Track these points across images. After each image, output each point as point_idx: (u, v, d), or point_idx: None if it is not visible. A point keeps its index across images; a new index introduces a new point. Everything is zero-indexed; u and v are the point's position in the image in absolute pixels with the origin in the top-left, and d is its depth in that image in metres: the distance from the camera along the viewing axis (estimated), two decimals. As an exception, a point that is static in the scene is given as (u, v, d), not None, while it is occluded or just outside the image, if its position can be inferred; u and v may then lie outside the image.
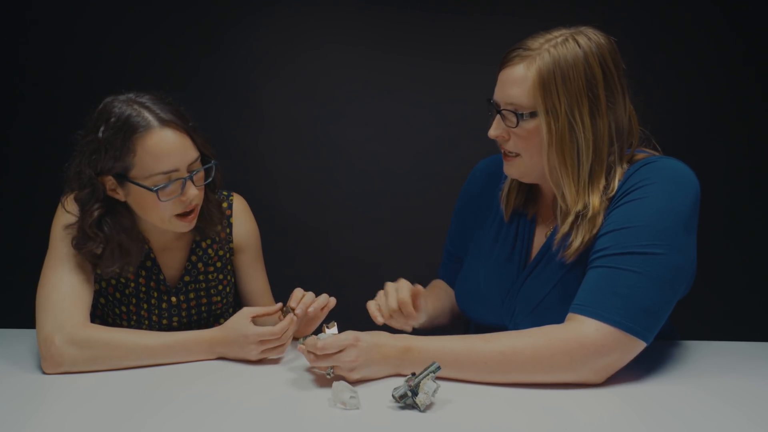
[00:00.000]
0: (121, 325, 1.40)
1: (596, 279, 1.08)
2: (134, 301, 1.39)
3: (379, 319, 1.20)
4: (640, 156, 1.16)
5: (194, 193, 1.25)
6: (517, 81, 1.11)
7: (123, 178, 1.24)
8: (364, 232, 2.58)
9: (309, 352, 1.07)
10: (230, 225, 1.47)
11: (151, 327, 1.41)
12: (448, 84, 2.51)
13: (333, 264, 2.56)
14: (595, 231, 1.11)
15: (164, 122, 1.23)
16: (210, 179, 1.31)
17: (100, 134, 1.22)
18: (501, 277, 1.26)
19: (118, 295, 1.39)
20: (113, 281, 1.38)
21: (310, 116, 2.56)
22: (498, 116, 1.14)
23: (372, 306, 1.22)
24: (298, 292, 1.26)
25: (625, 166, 1.14)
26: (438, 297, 1.41)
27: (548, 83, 1.08)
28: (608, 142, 1.12)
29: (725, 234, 2.50)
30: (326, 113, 2.56)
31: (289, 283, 1.51)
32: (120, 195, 1.27)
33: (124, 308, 1.39)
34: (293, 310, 1.22)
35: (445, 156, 2.49)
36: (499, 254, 1.28)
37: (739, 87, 2.45)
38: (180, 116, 1.26)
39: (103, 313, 1.41)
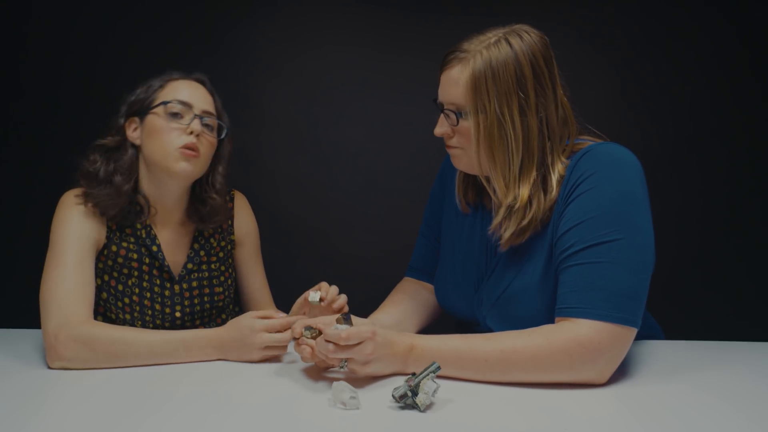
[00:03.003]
0: (124, 319, 1.41)
1: (572, 278, 1.09)
2: (137, 291, 1.40)
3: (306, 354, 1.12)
4: (579, 145, 1.19)
5: (198, 128, 1.36)
6: (453, 82, 1.16)
7: (146, 111, 1.39)
8: (365, 231, 2.59)
9: (327, 341, 1.06)
10: (231, 218, 1.53)
11: (154, 317, 1.42)
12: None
13: (333, 263, 2.56)
14: (525, 222, 1.14)
15: (196, 78, 1.44)
16: (221, 137, 1.44)
17: (143, 84, 1.43)
18: (475, 269, 1.27)
19: (120, 287, 1.40)
20: (115, 273, 1.40)
21: (311, 116, 2.57)
22: (442, 115, 1.20)
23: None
24: (325, 284, 1.28)
25: (564, 159, 1.17)
26: (394, 302, 1.39)
27: (479, 83, 1.13)
28: (539, 137, 1.15)
29: (726, 234, 2.51)
30: (326, 113, 2.57)
31: (289, 282, 1.51)
32: (137, 136, 1.40)
33: (126, 300, 1.40)
34: (322, 299, 1.25)
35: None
36: (472, 246, 1.29)
37: (742, 89, 2.45)
38: (212, 88, 1.46)
39: (105, 309, 1.42)
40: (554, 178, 1.15)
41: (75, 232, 1.33)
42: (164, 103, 1.36)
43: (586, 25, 2.40)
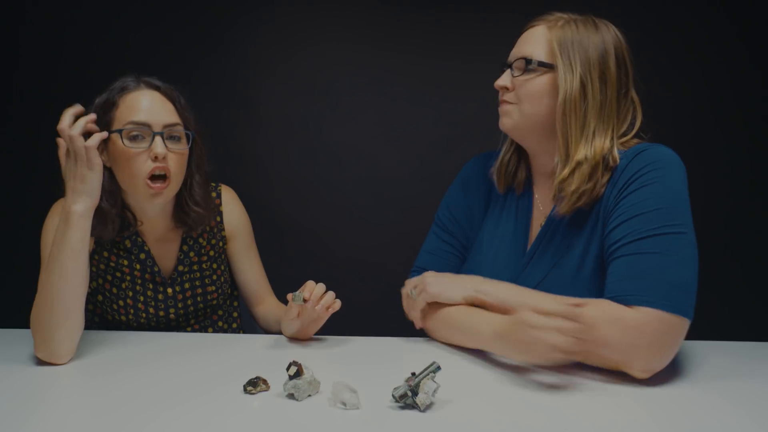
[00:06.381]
0: (120, 320, 1.42)
1: (620, 268, 1.09)
2: (131, 294, 1.41)
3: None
4: (633, 142, 1.22)
5: (163, 152, 1.27)
6: (536, 38, 1.21)
7: (107, 132, 1.28)
8: (364, 233, 2.59)
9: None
10: (220, 213, 1.51)
11: (148, 319, 1.43)
12: (447, 83, 2.51)
13: (332, 264, 2.55)
14: (589, 185, 1.16)
15: (149, 85, 1.33)
16: (187, 148, 1.33)
17: (99, 97, 1.32)
18: (506, 264, 1.28)
19: (114, 290, 1.41)
20: (109, 277, 1.40)
21: (309, 115, 2.57)
22: (508, 70, 1.24)
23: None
24: (310, 283, 1.26)
25: (621, 147, 1.20)
26: None
27: (566, 42, 1.18)
28: (616, 111, 1.19)
29: (727, 233, 2.51)
30: (325, 112, 2.57)
31: (288, 283, 1.51)
32: (106, 158, 1.31)
33: (121, 302, 1.41)
34: (305, 300, 1.24)
35: (445, 156, 2.49)
36: (500, 242, 1.30)
37: (742, 86, 2.45)
38: (170, 89, 1.34)
39: (102, 311, 1.43)
40: (609, 160, 1.18)
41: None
42: (119, 131, 1.27)
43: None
